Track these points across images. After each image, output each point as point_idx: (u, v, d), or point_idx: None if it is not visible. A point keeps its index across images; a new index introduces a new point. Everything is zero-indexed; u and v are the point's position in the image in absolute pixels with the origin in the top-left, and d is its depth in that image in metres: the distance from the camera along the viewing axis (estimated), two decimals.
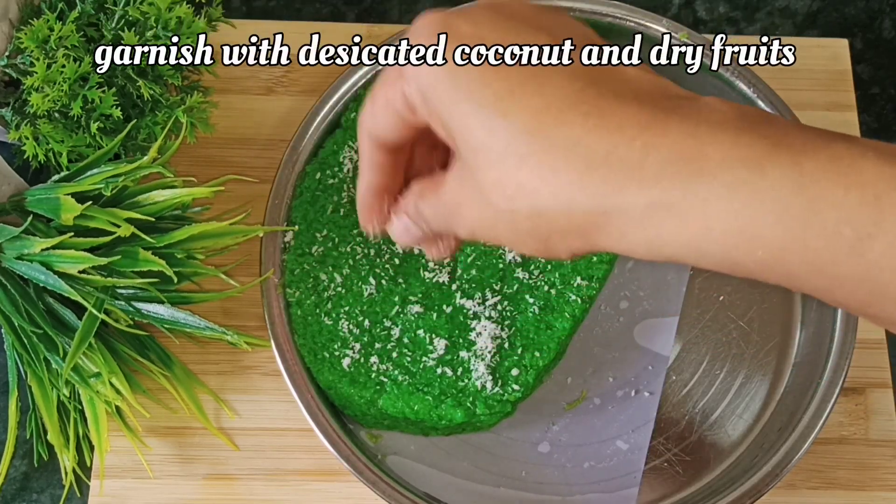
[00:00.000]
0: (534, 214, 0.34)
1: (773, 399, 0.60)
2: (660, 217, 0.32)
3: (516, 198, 0.34)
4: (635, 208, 0.32)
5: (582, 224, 0.33)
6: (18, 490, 0.59)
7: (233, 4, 0.72)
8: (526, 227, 0.35)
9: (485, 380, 0.56)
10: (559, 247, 0.35)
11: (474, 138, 0.34)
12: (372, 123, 0.40)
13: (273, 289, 0.58)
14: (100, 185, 0.54)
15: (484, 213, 0.36)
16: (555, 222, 0.34)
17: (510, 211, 0.34)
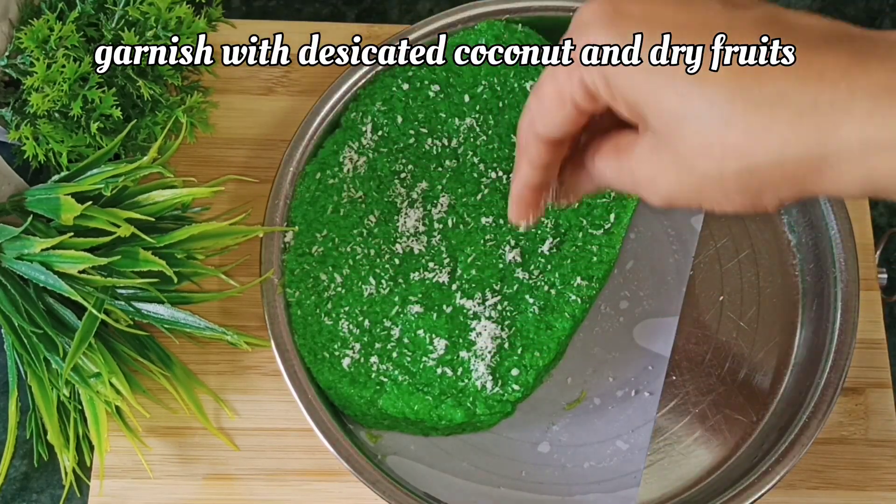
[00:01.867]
0: (745, 172, 0.34)
1: (773, 399, 0.60)
2: (876, 154, 0.32)
3: (725, 158, 0.35)
4: (850, 149, 0.33)
5: (796, 173, 0.34)
6: (18, 490, 0.59)
7: (233, 4, 0.72)
8: (736, 186, 0.35)
9: (485, 380, 0.56)
10: (769, 199, 0.36)
11: (672, 109, 0.35)
12: (542, 120, 0.40)
13: (273, 289, 0.58)
14: (100, 186, 0.54)
15: (687, 180, 0.36)
16: (768, 176, 0.34)
17: (719, 173, 0.35)
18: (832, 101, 0.33)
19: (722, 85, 0.34)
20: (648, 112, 0.36)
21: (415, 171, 0.61)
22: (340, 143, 0.61)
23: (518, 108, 0.62)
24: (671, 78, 0.35)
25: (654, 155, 0.37)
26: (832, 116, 0.33)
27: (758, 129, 0.34)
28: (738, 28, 0.36)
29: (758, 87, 0.34)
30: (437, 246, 0.59)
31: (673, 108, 0.35)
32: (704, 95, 0.34)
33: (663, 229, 0.63)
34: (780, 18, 0.36)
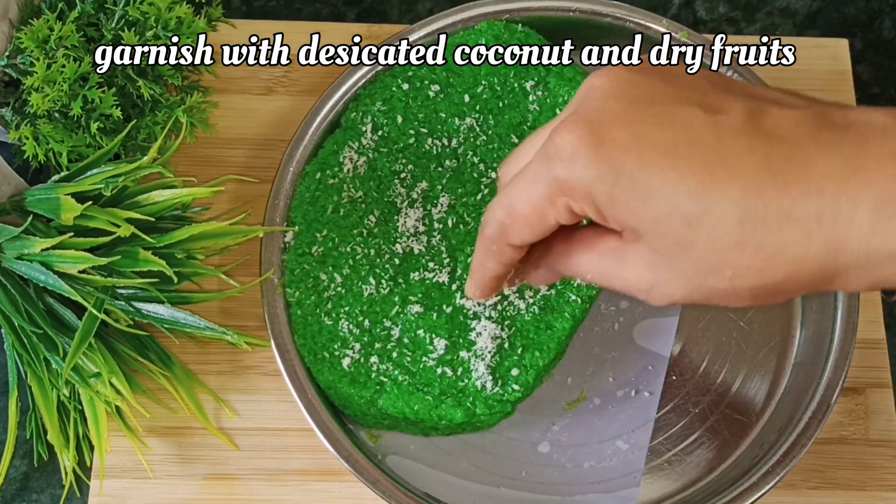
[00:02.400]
0: (759, 288, 0.35)
1: (773, 399, 0.60)
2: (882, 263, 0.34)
3: (738, 279, 0.35)
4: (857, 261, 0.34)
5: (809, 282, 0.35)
6: (18, 490, 0.59)
7: (233, 4, 0.72)
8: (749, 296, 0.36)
9: (485, 380, 0.56)
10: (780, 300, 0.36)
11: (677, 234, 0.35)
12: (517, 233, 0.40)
13: (273, 289, 0.58)
14: (100, 186, 0.54)
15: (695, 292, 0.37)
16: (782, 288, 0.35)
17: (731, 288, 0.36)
18: (835, 215, 0.33)
19: (728, 209, 0.34)
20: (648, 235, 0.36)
21: (415, 171, 0.61)
22: (340, 143, 0.61)
23: (518, 108, 0.62)
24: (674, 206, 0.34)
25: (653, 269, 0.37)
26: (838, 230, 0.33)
27: (770, 250, 0.34)
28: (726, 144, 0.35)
29: (762, 207, 0.34)
30: (437, 246, 0.59)
31: (677, 233, 0.35)
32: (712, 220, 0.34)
33: None
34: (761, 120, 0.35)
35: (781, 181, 0.34)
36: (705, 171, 0.34)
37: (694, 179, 0.34)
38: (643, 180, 0.35)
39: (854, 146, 0.34)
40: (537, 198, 0.38)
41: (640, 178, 0.35)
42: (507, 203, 0.39)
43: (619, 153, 0.35)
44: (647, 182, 0.35)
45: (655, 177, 0.35)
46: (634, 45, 0.64)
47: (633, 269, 0.38)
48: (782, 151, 0.34)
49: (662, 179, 0.34)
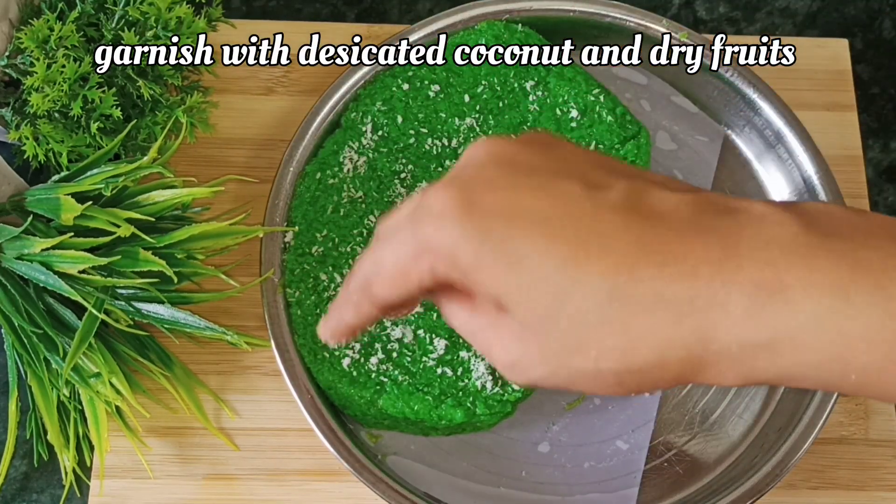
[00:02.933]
0: (624, 372, 0.34)
1: (773, 399, 0.60)
2: (753, 354, 0.32)
3: (603, 360, 0.33)
4: (728, 350, 0.32)
5: (677, 371, 0.33)
6: (18, 490, 0.59)
7: (233, 4, 0.72)
8: (614, 381, 0.34)
9: (485, 380, 0.56)
10: (648, 389, 0.35)
11: (543, 306, 0.33)
12: (380, 288, 0.37)
13: (273, 289, 0.58)
14: (100, 186, 0.54)
15: (559, 371, 0.35)
16: (648, 375, 0.34)
17: (595, 371, 0.34)
18: (708, 299, 0.32)
19: (598, 286, 0.33)
20: (514, 307, 0.34)
21: (415, 171, 0.61)
22: (340, 143, 0.61)
23: (518, 108, 0.62)
24: (542, 277, 0.33)
25: (519, 341, 0.35)
26: (710, 316, 0.32)
27: (637, 332, 0.33)
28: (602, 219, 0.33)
29: (633, 286, 0.32)
30: None
31: (544, 304, 0.33)
32: (579, 295, 0.33)
33: None
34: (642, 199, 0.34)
35: (655, 261, 0.32)
36: (578, 243, 0.33)
37: (565, 250, 0.33)
38: (511, 246, 0.33)
39: (731, 232, 0.33)
40: (403, 255, 0.36)
41: (508, 243, 0.33)
42: (375, 258, 0.37)
43: (489, 217, 0.34)
44: (516, 248, 0.33)
45: (525, 244, 0.33)
46: (634, 45, 0.64)
47: (500, 340, 0.36)
48: (660, 232, 0.33)
49: (532, 247, 0.33)
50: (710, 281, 0.32)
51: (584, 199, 0.34)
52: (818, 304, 0.31)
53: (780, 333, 0.32)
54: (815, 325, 0.31)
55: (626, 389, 0.35)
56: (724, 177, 0.65)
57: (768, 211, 0.33)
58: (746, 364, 0.33)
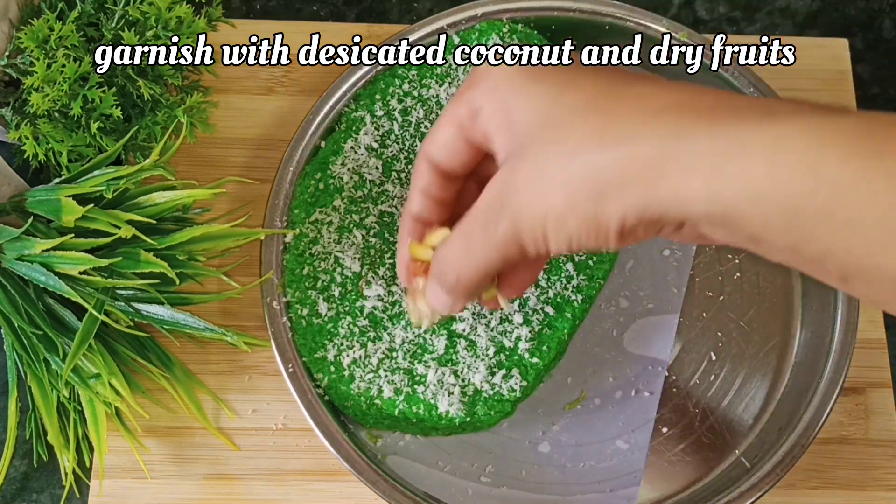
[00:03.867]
0: (594, 161, 0.34)
1: (773, 399, 0.60)
2: (727, 156, 0.32)
3: (578, 149, 0.35)
4: (702, 146, 0.32)
5: (644, 167, 0.33)
6: (18, 490, 0.59)
7: (233, 4, 0.72)
8: (581, 181, 0.34)
9: (485, 380, 0.56)
10: (613, 208, 0.34)
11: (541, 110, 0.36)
12: (430, 141, 0.41)
13: (273, 289, 0.58)
14: (101, 188, 0.54)
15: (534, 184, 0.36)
16: (616, 168, 0.34)
17: (566, 167, 0.35)
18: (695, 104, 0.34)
19: (592, 90, 0.36)
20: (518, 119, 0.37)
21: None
22: (340, 143, 0.61)
23: None
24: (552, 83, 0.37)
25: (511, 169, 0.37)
26: (692, 115, 0.33)
27: (617, 117, 0.34)
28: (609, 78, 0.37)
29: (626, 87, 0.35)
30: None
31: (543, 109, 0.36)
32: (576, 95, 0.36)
33: None
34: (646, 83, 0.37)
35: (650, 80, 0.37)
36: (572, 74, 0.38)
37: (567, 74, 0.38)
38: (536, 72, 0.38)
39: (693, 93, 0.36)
40: (454, 103, 0.40)
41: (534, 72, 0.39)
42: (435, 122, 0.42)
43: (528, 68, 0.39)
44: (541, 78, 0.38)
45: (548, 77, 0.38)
46: (634, 45, 0.64)
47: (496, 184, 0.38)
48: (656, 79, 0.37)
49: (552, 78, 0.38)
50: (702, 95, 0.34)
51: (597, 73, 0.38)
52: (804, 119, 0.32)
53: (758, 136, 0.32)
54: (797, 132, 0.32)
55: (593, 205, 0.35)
56: None
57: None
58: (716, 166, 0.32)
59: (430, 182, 0.42)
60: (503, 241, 0.38)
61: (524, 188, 0.36)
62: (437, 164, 0.41)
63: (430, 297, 0.43)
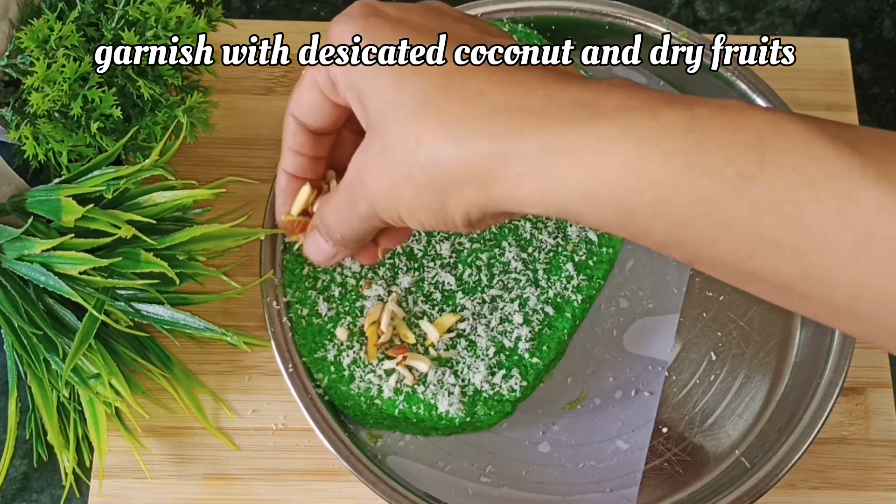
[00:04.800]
0: (432, 163, 0.35)
1: (773, 399, 0.60)
2: (555, 159, 0.33)
3: (418, 148, 0.35)
4: (532, 149, 0.33)
5: (479, 170, 0.34)
6: (18, 490, 0.59)
7: (233, 4, 0.72)
8: (423, 180, 0.36)
9: (485, 380, 0.56)
10: (455, 203, 0.36)
11: (386, 97, 0.36)
12: (297, 104, 0.42)
13: (273, 289, 0.58)
14: (101, 188, 0.54)
15: (384, 173, 0.37)
16: (452, 170, 0.35)
17: (410, 163, 0.35)
18: (525, 105, 0.34)
19: (435, 78, 0.36)
20: (368, 100, 0.37)
21: None
22: None
23: None
24: (392, 70, 0.36)
25: (365, 149, 0.38)
26: (520, 118, 0.34)
27: (450, 118, 0.34)
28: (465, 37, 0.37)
29: (462, 82, 0.35)
30: (437, 246, 0.59)
31: (387, 95, 0.36)
32: (416, 84, 0.36)
33: None
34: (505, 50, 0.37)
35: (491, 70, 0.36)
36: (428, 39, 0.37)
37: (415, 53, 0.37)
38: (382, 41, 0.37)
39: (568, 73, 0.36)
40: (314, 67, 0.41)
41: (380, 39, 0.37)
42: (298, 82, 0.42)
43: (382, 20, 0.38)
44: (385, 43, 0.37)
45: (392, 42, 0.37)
46: (634, 45, 0.64)
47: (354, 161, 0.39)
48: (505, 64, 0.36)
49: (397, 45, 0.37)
50: (533, 91, 0.34)
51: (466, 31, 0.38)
52: (626, 118, 0.32)
53: (583, 139, 0.32)
54: (619, 133, 0.32)
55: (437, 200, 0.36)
56: None
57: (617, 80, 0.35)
58: (545, 171, 0.33)
59: (301, 142, 0.44)
60: (367, 216, 0.39)
61: (376, 177, 0.37)
62: (306, 125, 0.43)
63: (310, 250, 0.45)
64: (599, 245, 0.60)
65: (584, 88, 0.34)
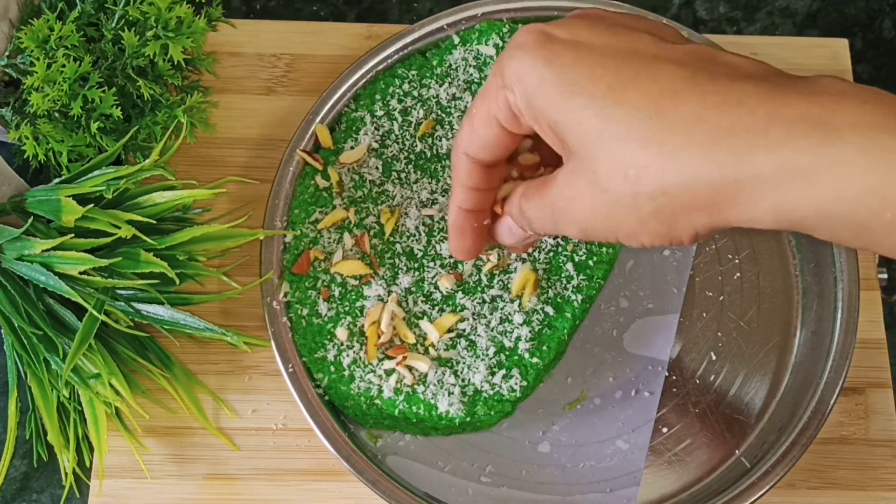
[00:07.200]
0: (658, 194, 0.34)
1: (773, 399, 0.60)
2: (790, 182, 0.32)
3: (640, 180, 0.34)
4: (765, 174, 0.32)
5: (709, 197, 0.33)
6: (18, 490, 0.59)
7: (233, 4, 0.72)
8: (649, 211, 0.35)
9: (485, 380, 0.56)
10: (684, 227, 0.35)
11: (590, 129, 0.35)
12: (470, 141, 0.40)
13: (273, 289, 0.58)
14: (101, 188, 0.54)
15: (600, 203, 0.36)
16: (681, 199, 0.34)
17: (632, 195, 0.35)
18: (749, 126, 0.33)
19: (641, 106, 0.34)
20: (567, 132, 0.36)
21: (414, 170, 0.61)
22: (340, 143, 0.61)
23: None
24: (590, 98, 0.35)
25: (572, 178, 0.37)
26: (748, 141, 0.33)
27: (671, 149, 0.33)
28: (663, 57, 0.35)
29: (674, 108, 0.34)
30: (437, 246, 0.59)
31: (591, 127, 0.35)
32: (622, 115, 0.34)
33: None
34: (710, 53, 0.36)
35: (700, 91, 0.34)
36: (631, 73, 0.35)
37: (616, 77, 0.35)
38: (572, 73, 0.35)
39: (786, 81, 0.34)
40: (486, 97, 0.39)
41: (568, 70, 0.36)
42: (468, 111, 0.41)
43: (560, 46, 0.36)
44: (575, 75, 0.35)
45: (582, 70, 0.35)
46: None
47: (559, 187, 0.38)
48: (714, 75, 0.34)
49: (588, 73, 0.35)
50: (753, 110, 0.33)
51: (650, 43, 0.36)
52: (865, 138, 0.31)
53: (821, 160, 0.31)
54: (859, 155, 0.31)
55: (664, 226, 0.35)
56: None
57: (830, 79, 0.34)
58: (781, 193, 0.32)
59: (476, 179, 0.42)
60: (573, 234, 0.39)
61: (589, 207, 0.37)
62: (475, 159, 0.41)
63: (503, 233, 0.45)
64: (599, 245, 0.60)
65: (807, 103, 0.33)
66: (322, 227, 0.59)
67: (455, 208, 0.44)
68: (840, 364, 0.58)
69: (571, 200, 0.37)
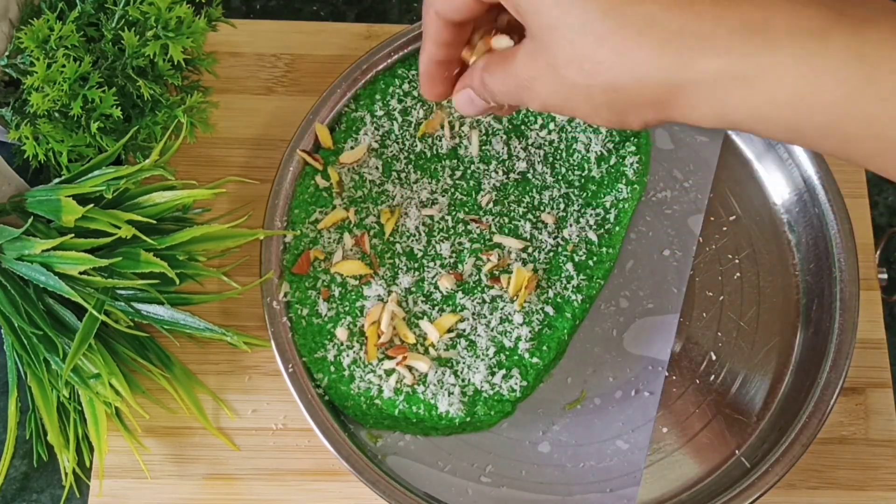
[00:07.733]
0: (610, 89, 0.36)
1: (773, 399, 0.60)
2: (728, 87, 0.34)
3: (594, 74, 0.36)
4: (706, 80, 0.35)
5: (656, 96, 0.36)
6: (18, 490, 0.59)
7: (233, 4, 0.72)
8: (602, 101, 0.37)
9: (485, 380, 0.56)
10: (634, 118, 0.37)
11: (550, 16, 0.37)
12: (441, 1, 0.42)
13: (273, 289, 0.58)
14: (101, 188, 0.54)
15: (558, 88, 0.38)
16: (630, 96, 0.36)
17: (587, 86, 0.37)
18: (695, 31, 0.34)
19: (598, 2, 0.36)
20: (531, 15, 0.37)
21: (414, 171, 0.61)
22: (340, 143, 0.61)
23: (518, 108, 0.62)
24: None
25: (533, 59, 0.39)
26: (694, 46, 0.34)
27: (625, 49, 0.35)
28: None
29: (631, 7, 0.35)
30: (437, 246, 0.59)
31: (551, 18, 0.37)
32: (580, 9, 0.36)
33: (663, 229, 0.63)
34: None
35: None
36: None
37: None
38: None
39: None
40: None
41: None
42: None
43: None
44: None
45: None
46: None
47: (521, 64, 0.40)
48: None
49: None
50: (702, 14, 0.34)
51: None
52: (797, 44, 0.33)
53: (756, 67, 0.34)
54: (792, 62, 0.33)
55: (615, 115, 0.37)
56: (724, 177, 0.65)
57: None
58: (720, 97, 0.35)
59: (439, 32, 0.44)
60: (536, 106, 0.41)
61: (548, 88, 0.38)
62: (449, 19, 0.43)
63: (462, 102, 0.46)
64: (599, 245, 0.60)
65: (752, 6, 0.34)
66: (322, 227, 0.59)
67: (426, 58, 0.45)
68: (840, 364, 0.58)
69: (533, 80, 0.39)
